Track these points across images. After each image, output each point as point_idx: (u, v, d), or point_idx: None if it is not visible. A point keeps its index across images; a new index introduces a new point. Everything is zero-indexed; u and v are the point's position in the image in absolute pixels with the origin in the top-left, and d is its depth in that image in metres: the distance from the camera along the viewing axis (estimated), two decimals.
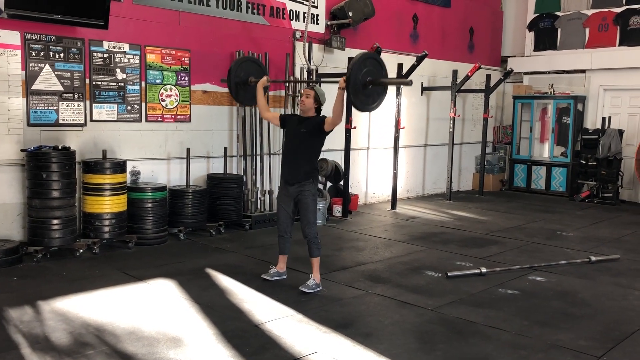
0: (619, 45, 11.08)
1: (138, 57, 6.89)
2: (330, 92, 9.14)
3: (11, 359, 3.59)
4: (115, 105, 6.75)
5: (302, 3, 8.45)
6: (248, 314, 4.52)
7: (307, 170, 5.20)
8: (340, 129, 8.52)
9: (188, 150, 7.20)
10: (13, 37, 5.94)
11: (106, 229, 6.23)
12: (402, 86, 9.21)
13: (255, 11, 7.95)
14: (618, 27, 11.09)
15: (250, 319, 4.40)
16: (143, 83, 6.97)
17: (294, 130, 5.28)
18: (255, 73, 6.49)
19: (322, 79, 8.58)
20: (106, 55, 6.63)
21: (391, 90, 9.49)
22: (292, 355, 3.79)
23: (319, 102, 5.26)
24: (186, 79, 7.36)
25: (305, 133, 5.18)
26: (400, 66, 9.15)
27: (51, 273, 5.44)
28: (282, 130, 6.71)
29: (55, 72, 6.25)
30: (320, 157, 8.39)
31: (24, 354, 3.67)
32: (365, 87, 4.80)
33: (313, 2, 8.59)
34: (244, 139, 7.81)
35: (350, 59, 8.22)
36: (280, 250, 5.44)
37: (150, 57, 7.00)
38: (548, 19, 12.01)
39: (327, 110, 5.27)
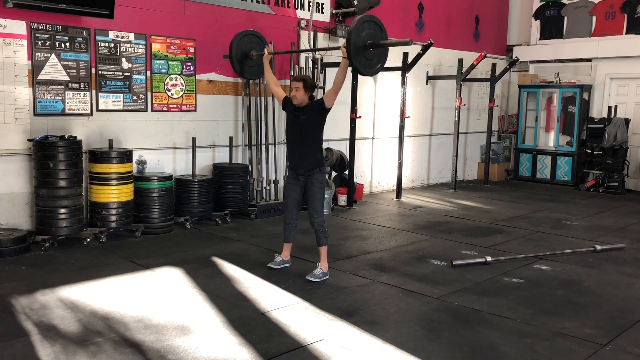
0: (626, 33, 11.01)
1: (143, 47, 6.89)
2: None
3: (22, 346, 3.63)
4: (121, 94, 6.76)
5: None
6: (254, 302, 4.55)
7: (312, 160, 5.20)
8: (345, 119, 8.53)
9: (194, 139, 7.22)
10: (19, 26, 5.95)
11: (113, 218, 6.27)
12: (407, 75, 9.18)
13: (260, 0, 7.92)
14: (625, 15, 11.01)
15: (257, 307, 4.43)
16: (148, 72, 6.97)
17: (293, 118, 5.26)
18: (257, 46, 6.39)
19: (327, 67, 8.62)
20: (112, 45, 6.63)
21: (396, 79, 9.48)
22: (298, 342, 3.82)
23: (310, 90, 5.17)
24: (191, 68, 7.36)
25: (304, 120, 5.16)
26: (405, 55, 9.12)
27: (59, 262, 5.48)
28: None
29: (61, 62, 6.27)
30: (326, 146, 8.45)
31: (34, 341, 3.71)
32: (366, 49, 4.76)
33: None
34: (249, 128, 7.82)
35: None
36: (285, 238, 5.46)
37: (156, 47, 7.00)
38: (554, 7, 11.93)
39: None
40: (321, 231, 5.20)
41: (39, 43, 6.09)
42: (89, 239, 6.06)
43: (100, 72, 6.57)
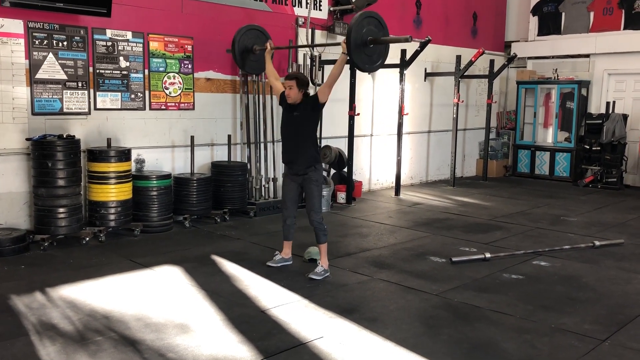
0: (624, 29, 11.01)
1: (141, 45, 6.88)
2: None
3: (21, 346, 3.63)
4: (119, 93, 6.75)
5: None
6: (254, 300, 4.55)
7: (307, 157, 5.17)
8: (343, 116, 8.53)
9: (192, 138, 7.21)
10: (16, 25, 5.93)
11: (112, 217, 6.27)
12: (405, 72, 9.18)
13: None
14: (623, 11, 11.01)
15: (257, 305, 4.44)
16: (146, 71, 6.96)
17: (288, 114, 5.26)
18: (259, 41, 6.86)
19: (325, 65, 8.61)
20: (109, 44, 6.62)
21: (395, 76, 9.48)
22: (298, 340, 3.82)
23: (304, 87, 5.17)
24: (189, 66, 7.35)
25: (297, 117, 5.16)
26: (403, 52, 9.11)
27: (58, 261, 5.48)
28: None
29: (59, 61, 6.25)
30: (324, 144, 8.45)
31: (33, 340, 3.71)
32: (367, 45, 4.72)
33: None
34: (247, 126, 7.81)
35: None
36: (285, 236, 5.46)
37: (154, 45, 6.99)
38: (552, 3, 11.92)
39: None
40: (320, 229, 5.20)
41: (37, 42, 6.08)
42: (88, 238, 6.05)
43: (98, 71, 6.56)
